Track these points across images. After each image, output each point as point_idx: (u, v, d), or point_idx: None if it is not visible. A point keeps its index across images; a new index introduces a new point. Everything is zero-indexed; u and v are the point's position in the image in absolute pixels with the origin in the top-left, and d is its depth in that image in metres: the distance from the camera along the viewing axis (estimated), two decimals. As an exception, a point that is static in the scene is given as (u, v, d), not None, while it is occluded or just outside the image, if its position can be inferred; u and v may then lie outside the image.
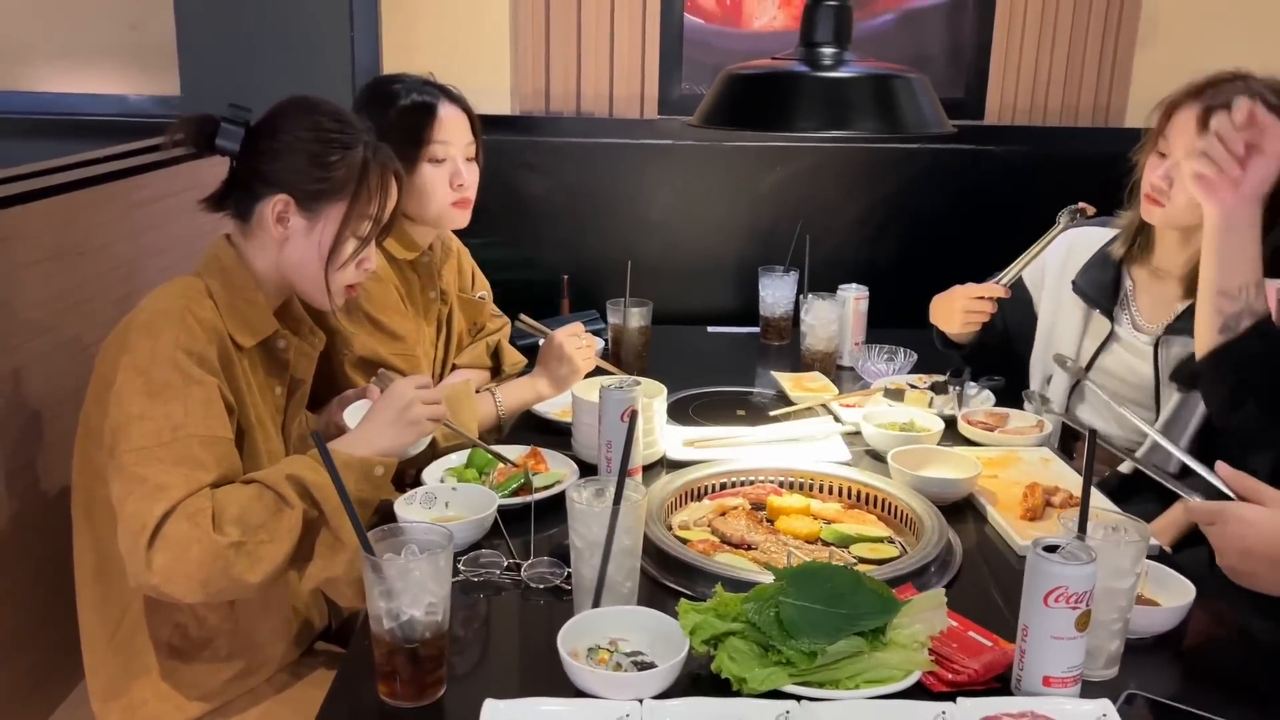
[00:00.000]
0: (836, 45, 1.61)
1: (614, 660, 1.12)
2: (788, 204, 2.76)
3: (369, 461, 1.36)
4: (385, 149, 1.47)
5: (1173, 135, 1.73)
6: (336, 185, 1.41)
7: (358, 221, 1.43)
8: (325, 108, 1.44)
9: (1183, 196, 1.70)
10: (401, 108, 1.81)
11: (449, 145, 1.82)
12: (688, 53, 2.80)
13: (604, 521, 1.17)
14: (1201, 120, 1.66)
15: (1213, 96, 1.67)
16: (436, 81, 1.87)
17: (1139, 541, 1.12)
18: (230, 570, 1.22)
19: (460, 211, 1.87)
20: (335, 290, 1.46)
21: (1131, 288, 1.92)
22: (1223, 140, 1.48)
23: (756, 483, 1.63)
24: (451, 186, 1.83)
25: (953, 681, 1.12)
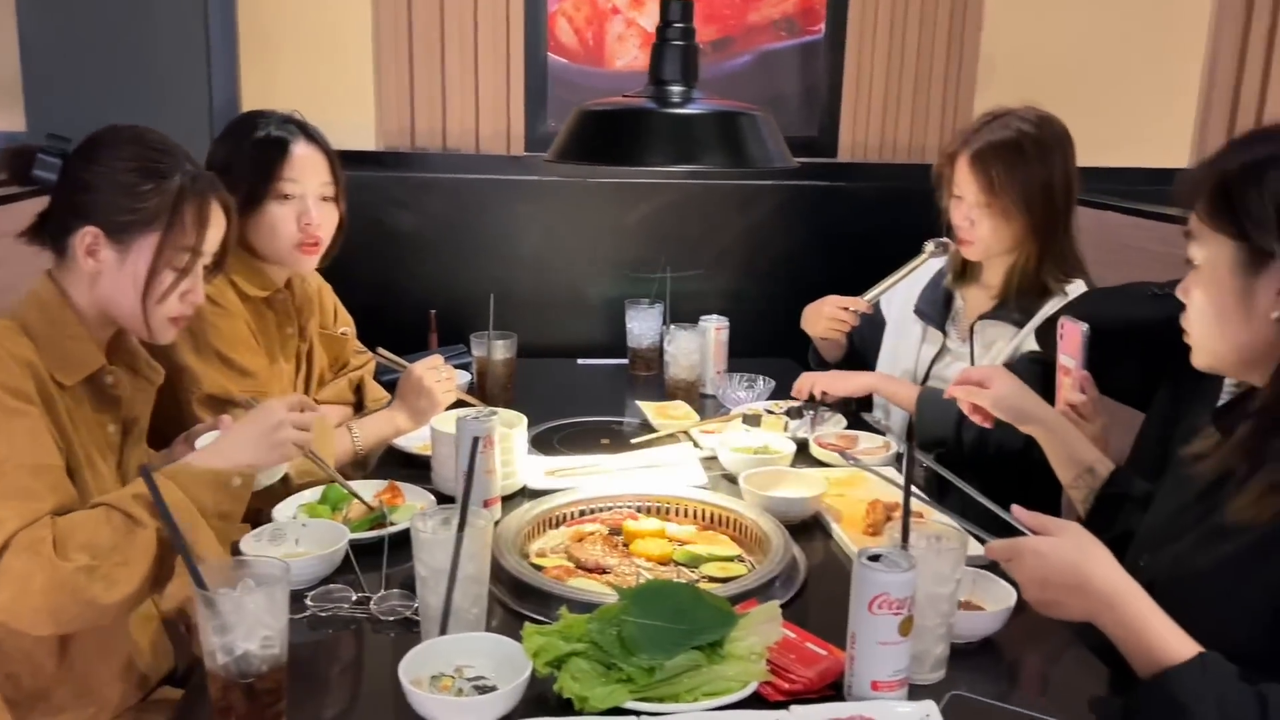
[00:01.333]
0: (684, 83, 1.67)
1: (456, 686, 1.12)
2: (652, 239, 2.82)
3: (224, 473, 1.33)
4: (208, 178, 1.45)
5: (958, 179, 2.00)
6: (148, 216, 1.38)
7: (173, 253, 1.40)
8: (144, 137, 1.42)
9: (984, 231, 1.97)
10: (255, 140, 1.80)
11: (299, 184, 1.81)
12: (553, 91, 2.85)
13: (448, 549, 1.18)
14: (972, 164, 1.94)
15: (978, 139, 1.96)
16: (299, 119, 1.87)
17: (958, 549, 1.19)
18: (82, 595, 1.19)
19: (306, 255, 1.85)
20: (156, 325, 1.43)
21: (961, 306, 2.15)
22: None
23: (614, 509, 1.66)
24: (299, 226, 1.82)
25: (789, 690, 1.16)
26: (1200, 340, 1.22)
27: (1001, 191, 1.94)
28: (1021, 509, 1.26)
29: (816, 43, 2.94)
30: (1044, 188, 1.96)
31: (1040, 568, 1.18)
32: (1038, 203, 1.96)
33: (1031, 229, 1.98)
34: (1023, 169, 1.94)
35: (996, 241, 2.00)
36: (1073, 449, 1.55)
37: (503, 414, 1.76)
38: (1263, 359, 1.16)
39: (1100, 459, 1.54)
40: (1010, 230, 1.98)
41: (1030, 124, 1.96)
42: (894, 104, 2.88)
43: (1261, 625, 1.08)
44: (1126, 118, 3.03)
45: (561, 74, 2.86)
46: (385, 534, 1.48)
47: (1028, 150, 1.95)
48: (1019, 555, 1.20)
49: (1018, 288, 2.02)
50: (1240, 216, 1.13)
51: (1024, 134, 1.95)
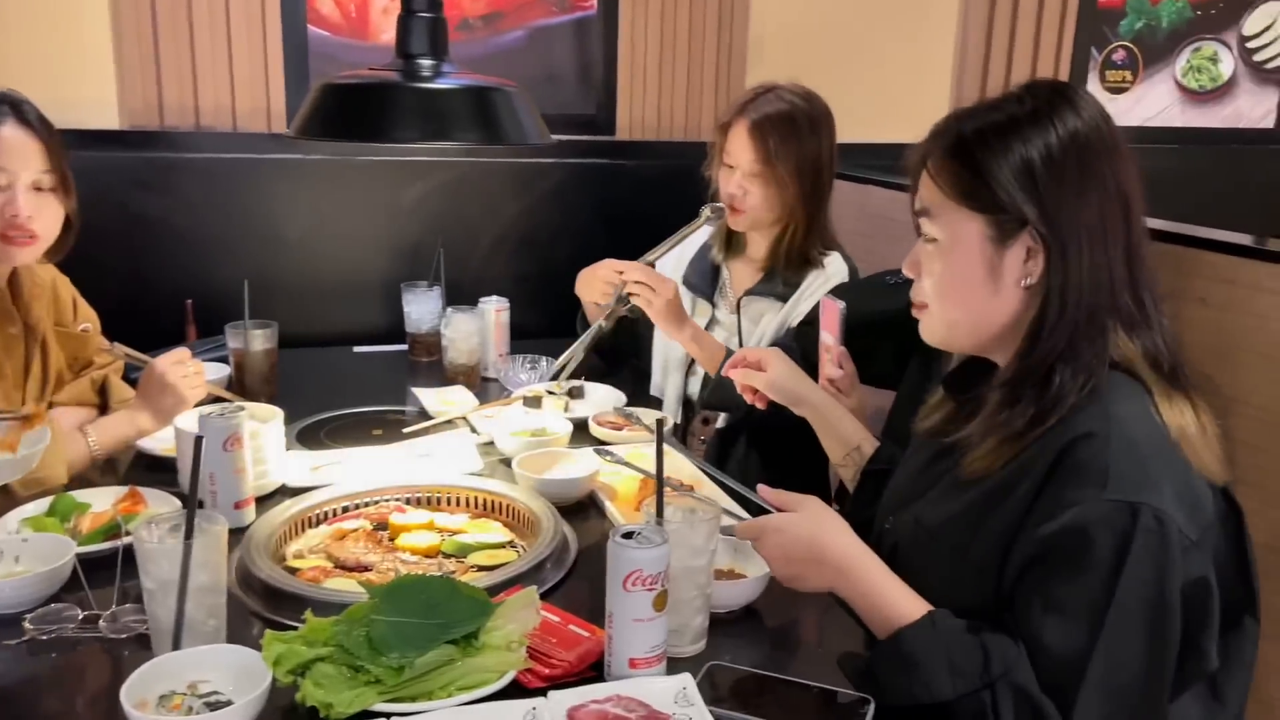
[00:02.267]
0: (434, 57, 1.61)
1: (186, 704, 1.04)
2: (430, 219, 2.74)
3: None
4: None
5: (733, 149, 2.04)
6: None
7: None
8: None
9: (756, 199, 2.01)
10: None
11: (6, 172, 1.62)
12: (315, 65, 2.70)
13: (176, 559, 1.09)
14: (751, 132, 1.99)
15: (754, 109, 2.00)
16: (13, 96, 1.67)
17: (711, 520, 1.20)
18: None
19: (16, 248, 1.67)
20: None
21: (728, 277, 2.19)
22: None
23: (380, 503, 1.60)
24: (3, 218, 1.64)
25: (549, 675, 1.14)
26: (940, 314, 1.22)
27: (776, 161, 2.00)
28: (767, 488, 1.29)
29: (590, 19, 2.92)
30: (814, 161, 2.04)
31: (781, 544, 1.21)
32: (808, 175, 2.03)
33: (800, 201, 2.04)
34: (795, 141, 2.01)
35: (766, 211, 2.05)
36: (841, 429, 1.61)
37: (254, 408, 1.65)
38: (1006, 331, 1.18)
39: (866, 437, 1.60)
40: (780, 201, 2.04)
41: (800, 98, 2.04)
42: (669, 82, 2.90)
43: (989, 575, 1.14)
44: (886, 94, 3.17)
45: (324, 47, 2.72)
46: (119, 545, 1.35)
47: (800, 123, 2.02)
48: (762, 533, 1.23)
49: (783, 260, 2.08)
50: (988, 190, 1.12)
51: (796, 107, 2.02)
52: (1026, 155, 1.12)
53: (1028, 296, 1.15)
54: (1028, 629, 1.08)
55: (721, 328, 2.18)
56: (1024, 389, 1.15)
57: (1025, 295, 1.16)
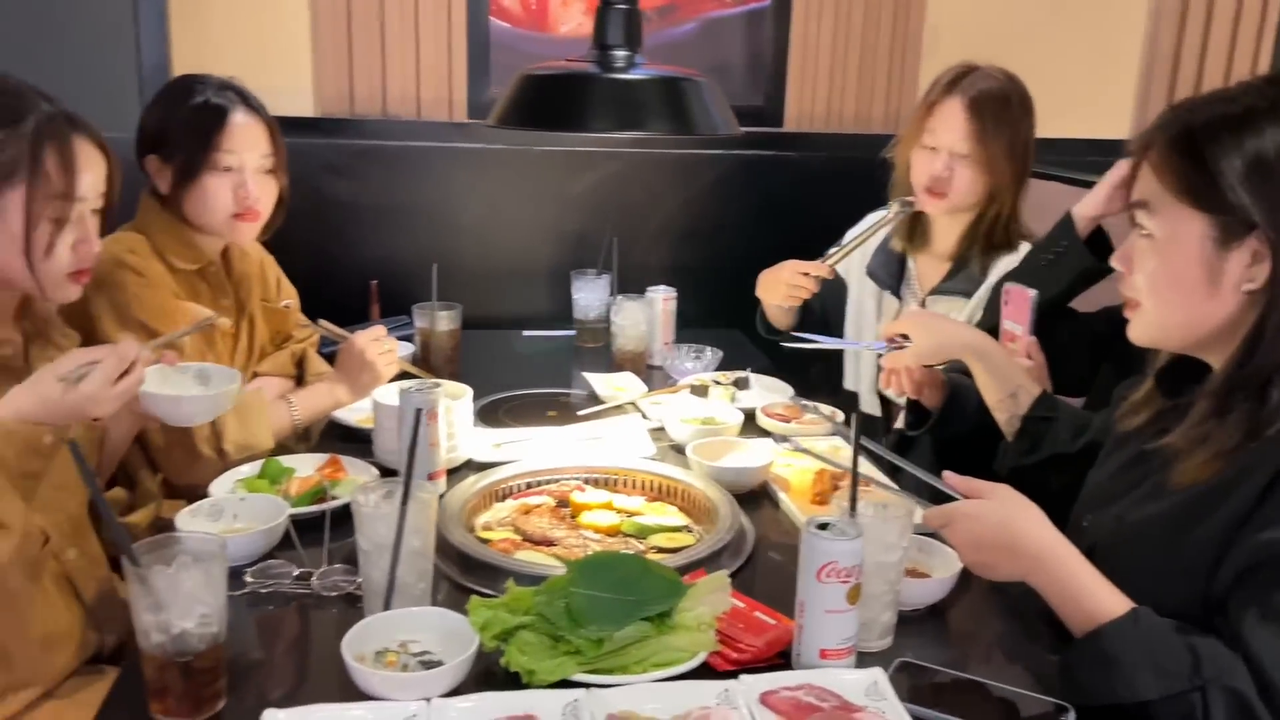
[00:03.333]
0: (628, 48, 1.64)
1: (401, 661, 1.10)
2: (598, 208, 2.79)
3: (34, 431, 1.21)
4: (67, 116, 1.33)
5: (939, 129, 1.93)
6: (7, 168, 1.28)
7: (45, 203, 1.30)
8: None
9: (963, 181, 1.92)
10: (193, 107, 1.74)
11: (237, 155, 1.75)
12: (495, 57, 2.79)
13: (391, 523, 1.15)
14: (968, 110, 1.89)
15: (968, 86, 1.91)
16: (239, 86, 1.80)
17: (904, 517, 1.19)
18: None
19: (245, 225, 1.80)
20: (50, 284, 1.34)
21: (914, 269, 2.12)
22: None
23: (561, 481, 1.64)
24: (235, 197, 1.76)
25: (737, 660, 1.15)
26: (1153, 313, 1.17)
27: (989, 141, 1.91)
28: (953, 475, 1.27)
29: (762, 10, 2.92)
30: (1023, 144, 1.96)
31: (973, 530, 1.18)
32: (1018, 158, 1.95)
33: (1009, 184, 1.96)
34: (1009, 122, 1.93)
35: (970, 195, 1.96)
36: (1000, 368, 1.56)
37: (447, 386, 1.73)
38: (1222, 333, 1.13)
39: (1026, 381, 1.56)
40: (985, 185, 1.95)
41: (1008, 78, 1.95)
42: (840, 73, 2.88)
43: (1198, 579, 1.10)
44: (1068, 87, 3.05)
45: (505, 39, 2.81)
46: (326, 508, 1.44)
47: (1013, 103, 1.94)
48: (952, 520, 1.21)
49: (979, 249, 2.00)
50: (1215, 189, 1.07)
51: (1007, 86, 1.94)
52: (1262, 153, 1.06)
53: (1247, 301, 1.10)
54: (1243, 636, 1.04)
55: None
56: (1237, 400, 1.10)
57: (1245, 300, 1.10)
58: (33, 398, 1.21)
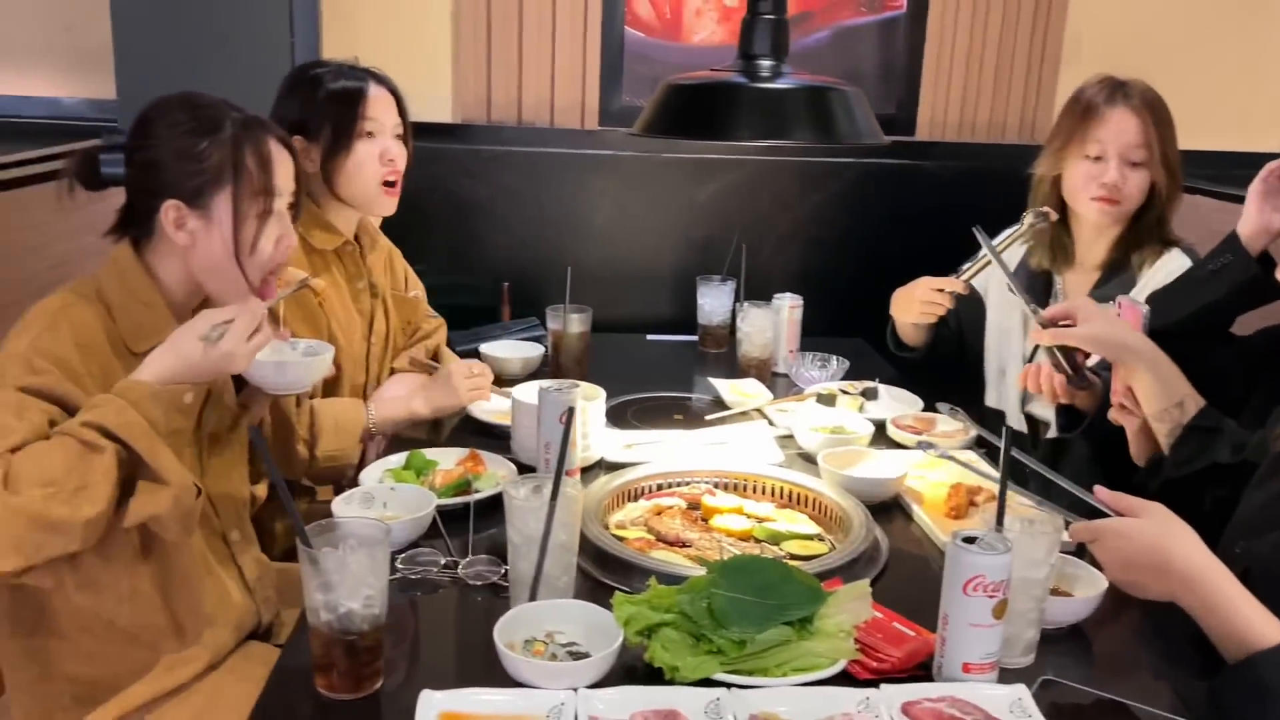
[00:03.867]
0: (774, 58, 1.66)
1: (549, 651, 1.14)
2: (725, 215, 2.81)
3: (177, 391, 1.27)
4: (258, 119, 1.43)
5: (1108, 137, 1.92)
6: (215, 172, 1.37)
7: (250, 201, 1.39)
8: (188, 99, 1.41)
9: (1135, 187, 1.91)
10: (332, 90, 1.86)
11: (377, 122, 1.88)
12: (628, 65, 2.84)
13: (541, 516, 1.19)
14: (1139, 116, 1.88)
15: (1132, 94, 1.90)
16: (363, 65, 1.93)
17: (1053, 534, 1.18)
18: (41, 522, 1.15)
19: (389, 196, 1.91)
20: (254, 280, 1.43)
21: (1061, 285, 2.08)
22: None
23: (692, 484, 1.67)
24: (382, 162, 1.88)
25: (876, 669, 1.16)
26: None
27: (1160, 144, 1.91)
28: (1104, 490, 1.24)
29: (897, 18, 2.89)
30: (1176, 148, 1.95)
31: (1123, 549, 1.17)
32: (1175, 162, 1.95)
33: (1166, 188, 1.95)
34: (1170, 124, 1.93)
35: (1140, 199, 1.95)
36: (1168, 380, 1.51)
37: (582, 386, 1.77)
38: None
39: (1192, 394, 1.51)
40: (1150, 188, 1.95)
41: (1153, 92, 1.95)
42: (975, 82, 2.83)
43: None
44: (1214, 99, 2.95)
45: (638, 48, 2.85)
46: (471, 500, 1.50)
47: (1166, 113, 1.94)
48: (1102, 536, 1.19)
49: (1126, 255, 1.98)
50: None
51: (1160, 97, 1.94)
52: None
53: None
54: None
55: None
56: None
57: None
58: (174, 358, 1.27)
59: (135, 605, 1.36)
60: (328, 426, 1.75)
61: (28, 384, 1.24)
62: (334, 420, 1.76)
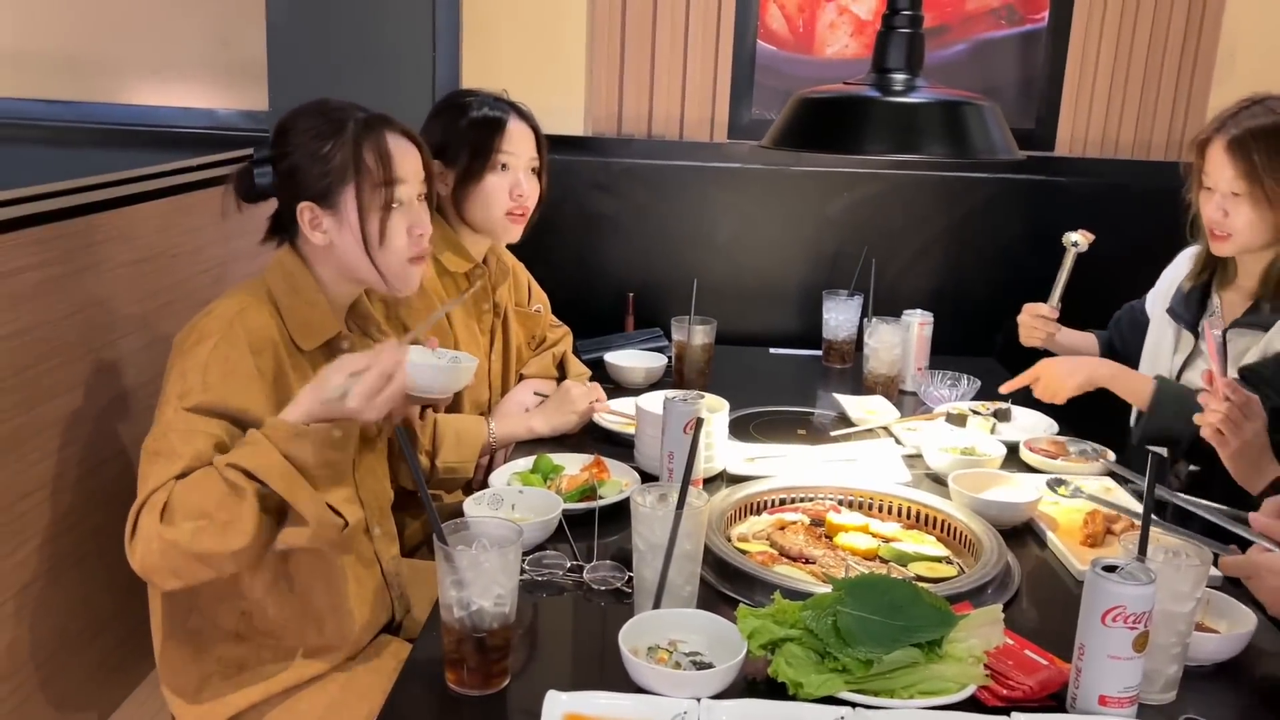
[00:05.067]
0: (908, 72, 1.64)
1: (673, 659, 1.15)
2: (853, 229, 2.77)
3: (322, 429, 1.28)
4: (381, 116, 1.46)
5: (1211, 170, 1.85)
6: (339, 171, 1.41)
7: (373, 194, 1.42)
8: (320, 105, 1.46)
9: (1241, 222, 1.83)
10: (473, 119, 1.91)
11: (513, 156, 1.92)
12: (759, 78, 2.84)
13: (667, 525, 1.20)
14: (1229, 151, 1.80)
15: (1234, 124, 1.82)
16: (508, 98, 1.98)
17: (1199, 567, 1.12)
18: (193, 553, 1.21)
19: (515, 224, 1.95)
20: (393, 273, 1.47)
21: (1219, 306, 1.99)
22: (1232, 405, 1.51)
23: (815, 500, 1.65)
24: (511, 196, 1.92)
25: (1007, 697, 1.13)
26: None
27: (1265, 176, 1.79)
28: (1263, 518, 1.18)
29: (1038, 31, 2.81)
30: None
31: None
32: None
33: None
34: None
35: (1254, 235, 1.84)
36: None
37: (707, 398, 1.77)
38: None
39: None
40: (1271, 222, 1.83)
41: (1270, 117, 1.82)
42: (1119, 97, 2.72)
43: None
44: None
45: (769, 61, 2.84)
46: (596, 505, 1.52)
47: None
48: (1256, 572, 1.13)
49: (1274, 286, 1.87)
50: None
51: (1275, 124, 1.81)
52: None
53: None
54: None
55: (1204, 360, 1.97)
56: None
57: None
58: (315, 399, 1.31)
59: (278, 599, 1.42)
60: (449, 438, 1.80)
61: (198, 403, 1.29)
62: (456, 433, 1.82)
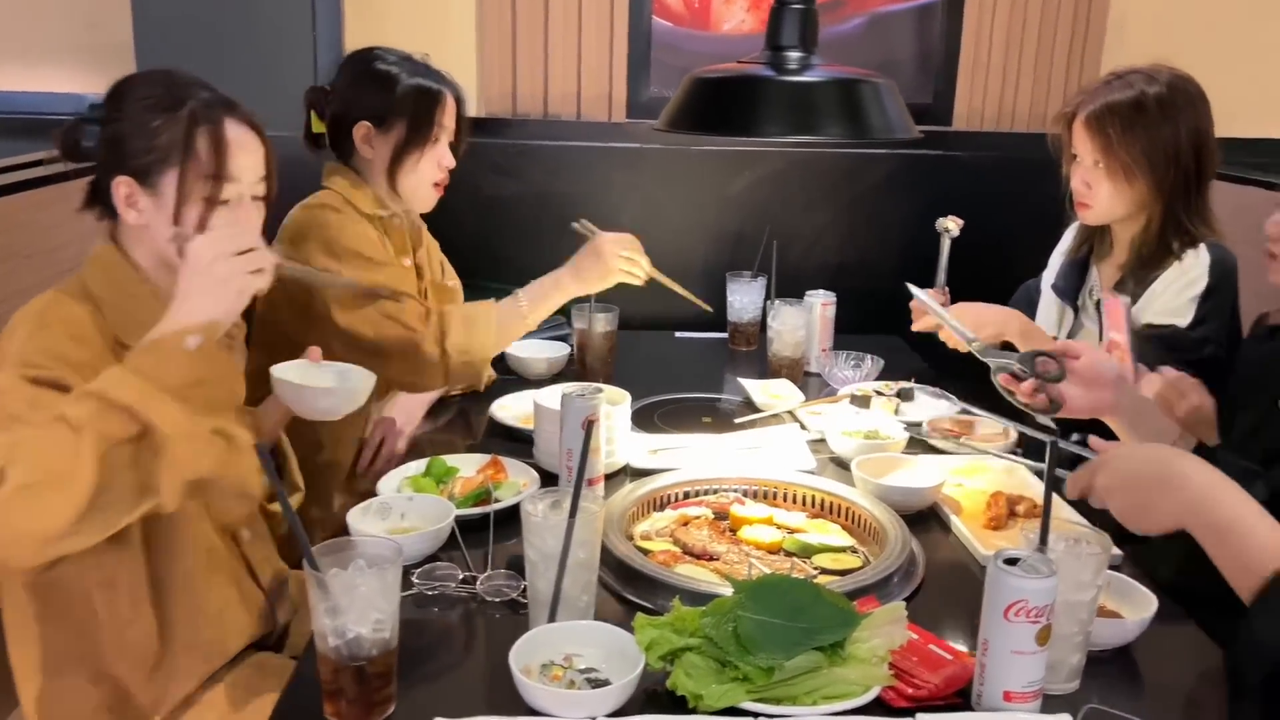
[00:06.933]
0: (802, 49, 1.60)
1: (567, 677, 1.09)
2: (756, 209, 2.74)
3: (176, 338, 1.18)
4: (223, 100, 1.36)
5: (1075, 143, 1.91)
6: (164, 151, 1.30)
7: (197, 183, 1.32)
8: (156, 75, 1.35)
9: (1102, 193, 1.88)
10: (412, 88, 1.87)
11: (445, 129, 1.91)
12: (656, 55, 2.78)
13: (559, 534, 1.14)
14: (1088, 126, 1.85)
15: (1094, 99, 1.86)
16: (428, 62, 1.93)
17: (1100, 554, 1.11)
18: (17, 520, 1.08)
19: (437, 194, 1.96)
20: None
21: (1097, 277, 2.02)
22: None
23: (720, 492, 1.61)
24: (439, 168, 1.92)
25: (913, 696, 1.10)
26: None
27: (1120, 150, 1.84)
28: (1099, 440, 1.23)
29: (933, 5, 2.81)
30: (1167, 148, 1.84)
31: (1126, 468, 1.14)
32: (1159, 165, 1.85)
33: (1153, 192, 1.87)
34: (1144, 129, 1.83)
35: (1114, 206, 1.90)
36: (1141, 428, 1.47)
37: (606, 390, 1.72)
38: None
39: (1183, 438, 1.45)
40: (1132, 194, 1.87)
41: (1158, 83, 1.85)
42: (1014, 70, 2.74)
43: None
44: (1266, 85, 2.83)
45: (667, 38, 2.79)
46: (490, 510, 1.45)
47: (1150, 109, 1.83)
48: (1104, 463, 1.15)
49: (1135, 259, 1.92)
50: None
51: (1147, 93, 1.84)
52: None
53: None
54: None
55: (1086, 335, 2.03)
56: None
57: None
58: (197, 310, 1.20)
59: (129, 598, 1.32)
60: (455, 319, 1.80)
61: (35, 376, 1.18)
62: (463, 316, 1.82)
